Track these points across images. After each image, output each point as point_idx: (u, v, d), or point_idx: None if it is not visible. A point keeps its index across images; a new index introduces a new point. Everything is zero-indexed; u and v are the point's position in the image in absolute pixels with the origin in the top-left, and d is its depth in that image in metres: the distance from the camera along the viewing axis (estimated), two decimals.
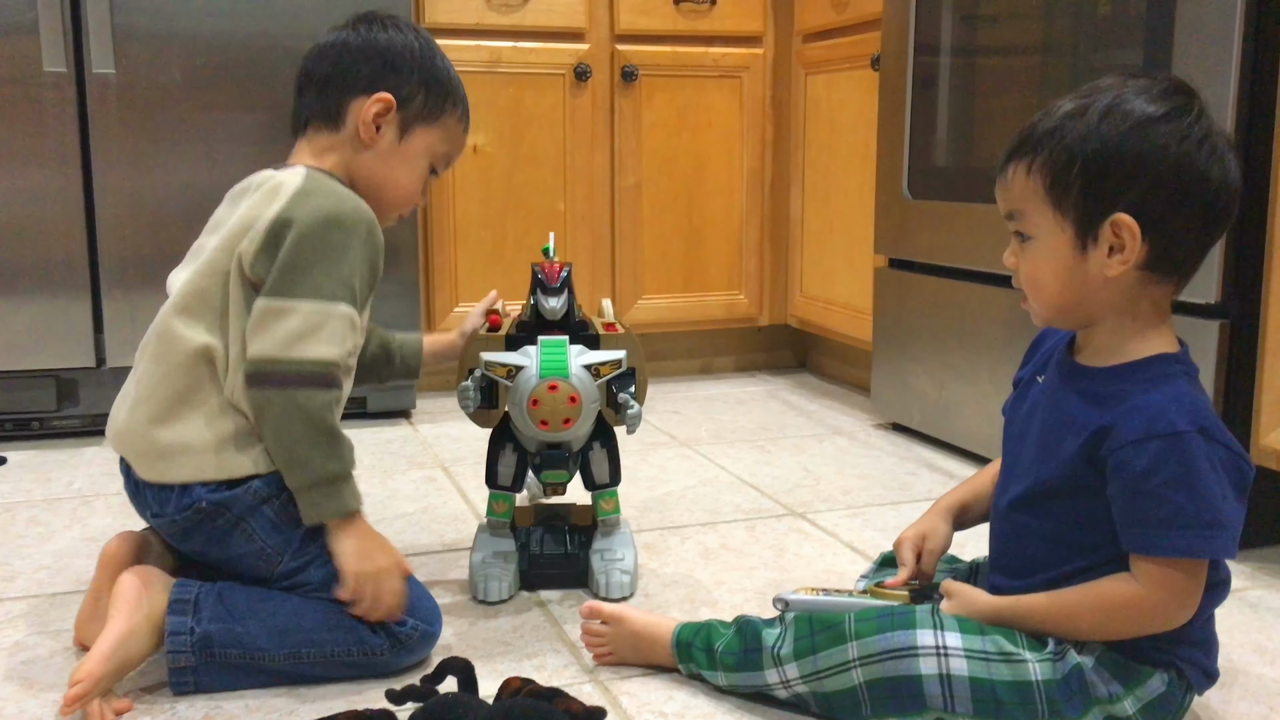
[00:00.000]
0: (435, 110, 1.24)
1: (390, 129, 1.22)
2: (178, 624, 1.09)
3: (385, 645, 1.13)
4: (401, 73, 1.22)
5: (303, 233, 1.12)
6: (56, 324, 2.06)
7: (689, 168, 2.58)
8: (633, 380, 1.37)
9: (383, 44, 1.22)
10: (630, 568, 1.38)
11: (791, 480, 1.87)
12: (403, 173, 1.24)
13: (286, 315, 1.11)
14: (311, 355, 1.11)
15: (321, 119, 1.23)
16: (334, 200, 1.15)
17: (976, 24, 1.97)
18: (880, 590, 1.10)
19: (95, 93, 2.02)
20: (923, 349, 2.08)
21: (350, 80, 1.21)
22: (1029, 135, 0.99)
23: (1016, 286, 1.04)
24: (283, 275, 1.12)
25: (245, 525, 1.14)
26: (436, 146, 1.26)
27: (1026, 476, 1.03)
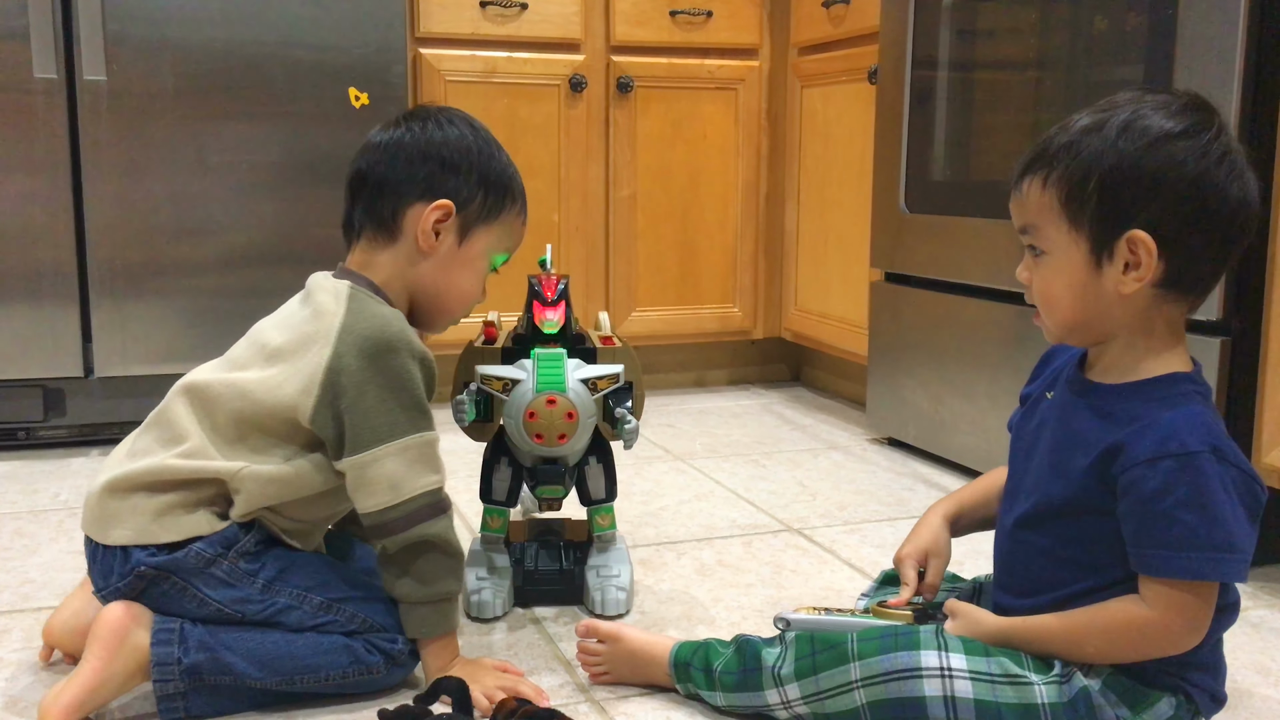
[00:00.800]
0: (495, 210, 1.19)
1: (449, 235, 1.17)
2: (164, 654, 1.05)
3: (381, 663, 1.11)
4: (460, 173, 1.16)
5: (359, 380, 1.08)
6: (44, 333, 2.03)
7: (684, 180, 2.57)
8: (630, 395, 1.35)
9: (438, 143, 1.16)
10: (626, 584, 1.36)
11: (787, 495, 1.85)
12: (463, 277, 1.19)
13: (380, 463, 1.08)
14: (419, 489, 1.09)
15: (376, 227, 1.17)
16: (378, 331, 1.09)
17: (975, 38, 1.96)
18: (883, 610, 1.08)
19: (86, 99, 2.00)
20: (919, 364, 2.07)
21: (406, 186, 1.15)
22: (1045, 149, 0.97)
23: (1029, 302, 1.03)
24: (358, 428, 1.08)
25: (192, 590, 1.08)
26: (496, 245, 1.21)
27: (1034, 494, 1.01)
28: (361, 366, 1.08)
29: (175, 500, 1.09)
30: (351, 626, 1.11)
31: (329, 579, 1.12)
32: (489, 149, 1.19)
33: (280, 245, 2.11)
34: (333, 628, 1.11)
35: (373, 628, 1.11)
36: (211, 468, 1.09)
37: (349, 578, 1.14)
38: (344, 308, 1.11)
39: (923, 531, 1.14)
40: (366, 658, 1.10)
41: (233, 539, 1.10)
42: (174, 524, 1.09)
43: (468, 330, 1.44)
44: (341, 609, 1.11)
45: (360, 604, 1.12)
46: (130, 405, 2.12)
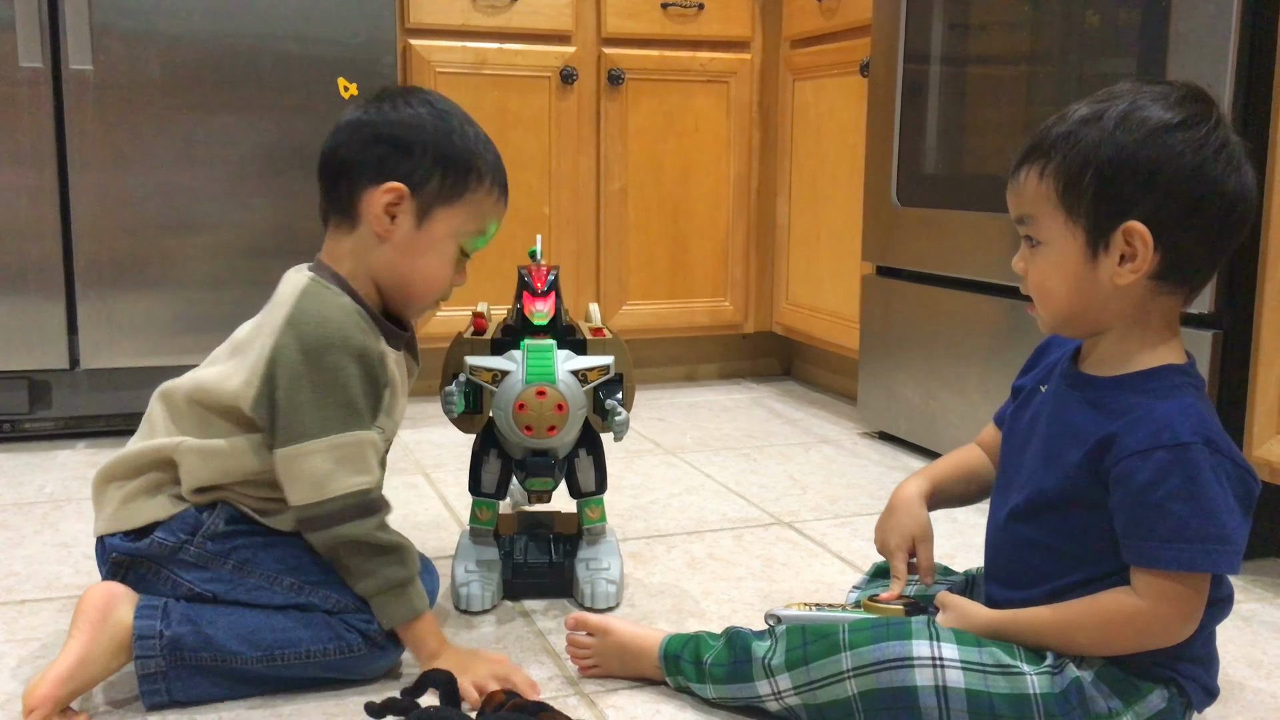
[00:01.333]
0: (456, 189, 1.14)
1: (406, 218, 1.13)
2: (146, 627, 1.06)
3: (360, 642, 1.10)
4: (414, 153, 1.12)
5: (294, 373, 1.08)
6: (29, 325, 2.01)
7: (675, 173, 2.56)
8: (620, 386, 1.34)
9: (393, 122, 1.13)
10: (616, 577, 1.35)
11: (778, 489, 1.85)
12: (427, 262, 1.15)
13: (307, 458, 1.08)
14: (345, 489, 1.08)
15: (339, 213, 1.15)
16: (317, 328, 1.09)
17: (967, 32, 1.96)
18: (874, 605, 1.07)
19: (72, 90, 1.98)
20: (910, 357, 2.06)
21: (359, 169, 1.13)
22: (1042, 139, 0.96)
23: (1024, 293, 1.02)
24: (288, 420, 1.08)
25: (166, 572, 1.11)
26: (463, 227, 1.16)
27: (1027, 486, 1.01)
28: (298, 360, 1.08)
29: (138, 486, 1.12)
30: (326, 607, 1.11)
31: (303, 562, 1.12)
32: (448, 125, 1.14)
33: (268, 238, 2.09)
34: (307, 609, 1.11)
35: (347, 608, 1.11)
36: (155, 444, 1.11)
37: (325, 561, 1.13)
38: (294, 300, 1.11)
39: (903, 518, 1.13)
40: (346, 635, 1.10)
41: (195, 523, 1.11)
42: (136, 510, 1.11)
43: (456, 322, 1.43)
44: (315, 591, 1.11)
45: (335, 586, 1.11)
46: (116, 398, 2.10)
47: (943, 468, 1.18)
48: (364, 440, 1.10)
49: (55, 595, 1.37)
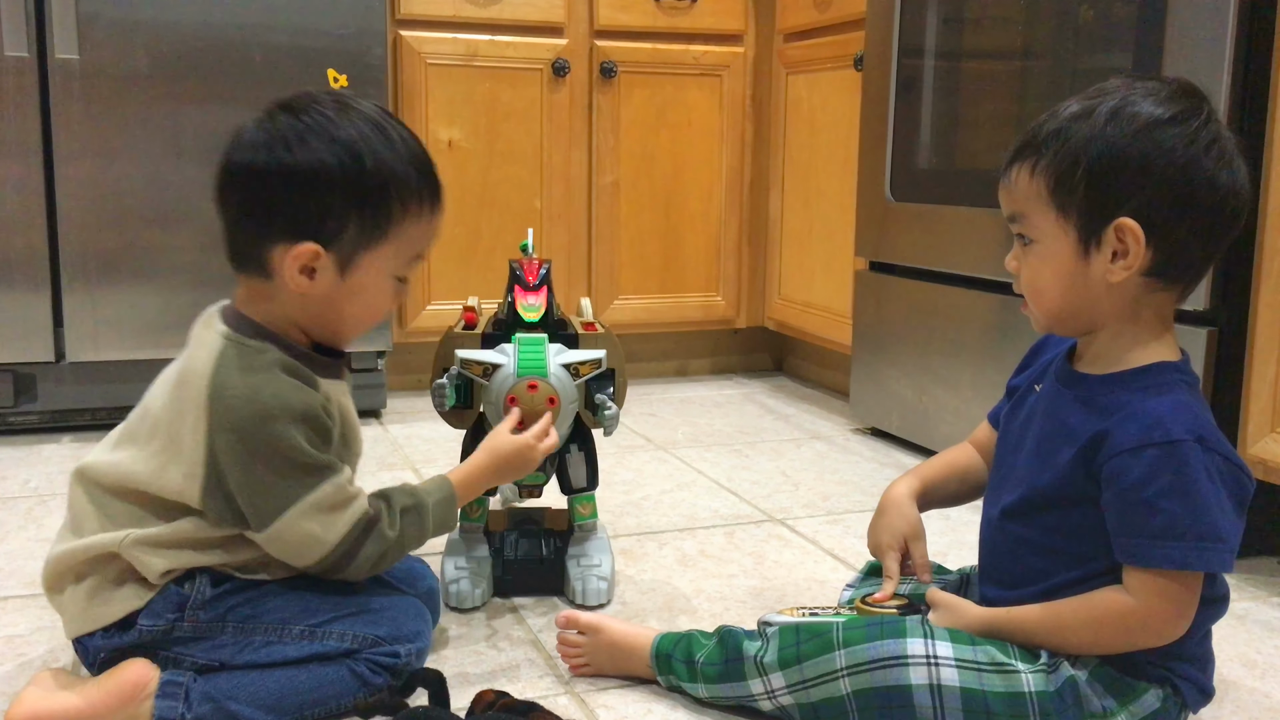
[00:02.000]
0: (379, 228, 1.01)
1: (326, 274, 1.01)
2: (167, 709, 0.98)
3: (388, 681, 1.05)
4: (320, 202, 0.99)
5: (239, 460, 0.99)
6: (15, 317, 1.99)
7: (668, 167, 2.55)
8: (611, 381, 1.33)
9: (290, 170, 0.98)
10: (607, 574, 1.34)
11: (770, 485, 1.84)
12: (357, 306, 1.05)
13: (293, 527, 1.01)
14: (343, 532, 1.03)
15: (247, 266, 1.03)
16: (248, 404, 0.99)
17: (962, 26, 1.95)
18: (867, 608, 1.06)
19: (58, 79, 1.96)
20: (903, 353, 2.05)
21: (263, 224, 1.00)
22: (1033, 137, 0.96)
23: (1017, 291, 1.01)
24: (253, 506, 1.00)
25: (166, 654, 1.03)
26: (395, 260, 1.04)
27: (1020, 485, 1.00)
28: (238, 446, 0.99)
29: (98, 581, 1.03)
30: (344, 645, 1.05)
31: (310, 604, 1.06)
32: (355, 155, 0.99)
33: None
34: (325, 655, 1.04)
35: (368, 642, 1.05)
36: (93, 542, 1.02)
37: (333, 596, 1.07)
38: (211, 370, 1.00)
39: (894, 518, 1.11)
40: (372, 679, 1.04)
41: (179, 599, 1.03)
42: (107, 606, 1.02)
43: (447, 315, 1.41)
44: (329, 631, 1.05)
45: (350, 620, 1.06)
46: (102, 391, 2.08)
47: (933, 467, 1.17)
48: (337, 483, 1.03)
49: (39, 592, 1.34)
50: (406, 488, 1.12)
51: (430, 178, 1.05)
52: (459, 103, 2.35)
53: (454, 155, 2.37)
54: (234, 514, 1.02)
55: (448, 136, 2.35)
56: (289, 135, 0.99)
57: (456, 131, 2.36)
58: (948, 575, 1.16)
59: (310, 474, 1.02)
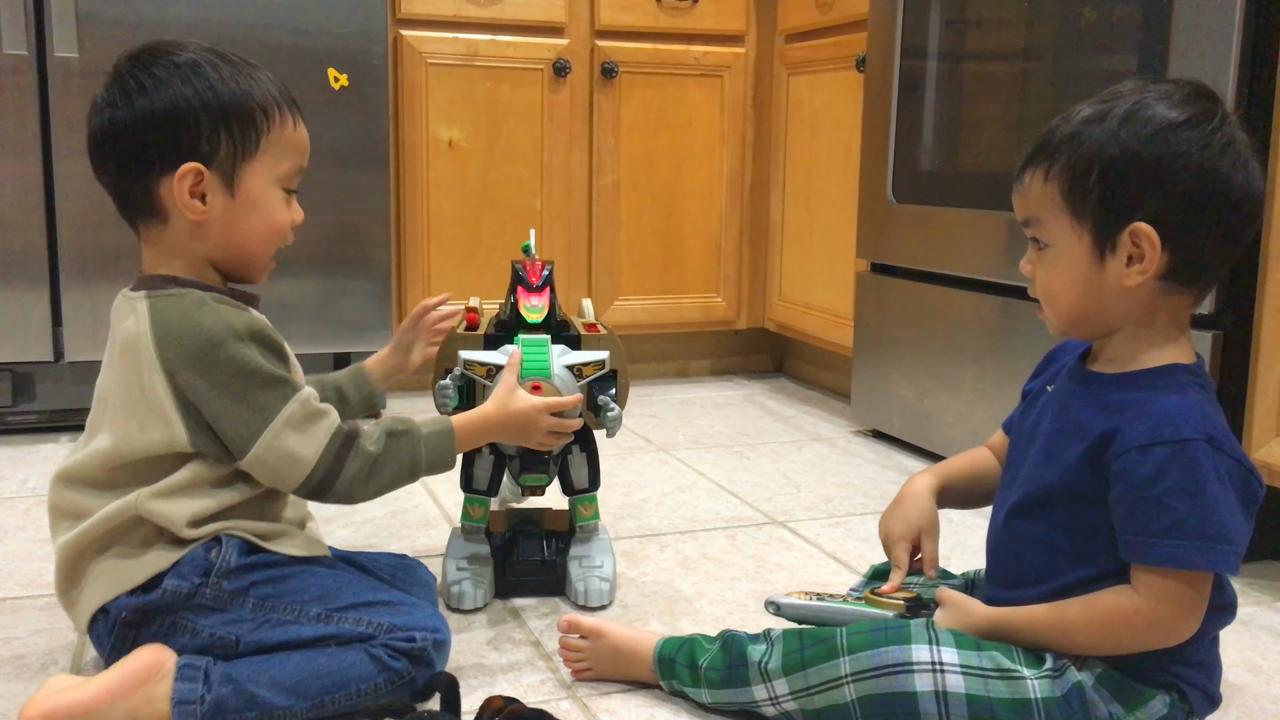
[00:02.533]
0: (251, 139, 1.05)
1: (215, 194, 1.04)
2: (186, 691, 0.97)
3: (407, 667, 1.04)
4: (189, 126, 1.02)
5: (205, 392, 1.02)
6: (13, 316, 1.98)
7: (668, 167, 2.54)
8: (614, 382, 1.33)
9: (154, 107, 1.02)
10: (609, 575, 1.34)
11: (771, 487, 1.83)
12: (256, 221, 1.07)
13: (272, 448, 1.03)
14: (321, 446, 1.05)
15: (144, 215, 1.06)
16: (194, 336, 1.02)
17: (965, 27, 1.94)
18: (876, 598, 1.06)
19: (57, 77, 1.95)
20: (904, 355, 2.05)
21: (143, 166, 1.03)
22: (1047, 140, 0.95)
23: (1031, 295, 1.01)
24: (233, 430, 1.03)
25: (184, 622, 1.03)
26: (276, 170, 1.08)
27: (1028, 482, 1.00)
28: (198, 378, 1.01)
29: (124, 547, 1.05)
30: (359, 630, 1.04)
31: (330, 588, 1.06)
32: (205, 79, 1.03)
33: None
34: (341, 638, 1.04)
35: (384, 629, 1.05)
36: (115, 510, 1.03)
37: (354, 583, 1.08)
38: (146, 322, 1.03)
39: (910, 509, 1.11)
40: (392, 664, 1.04)
41: (206, 564, 1.03)
42: (136, 566, 1.03)
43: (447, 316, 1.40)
44: (345, 616, 1.05)
45: (367, 609, 1.06)
46: None
47: (955, 465, 1.16)
48: (303, 399, 1.05)
49: (37, 593, 1.34)
50: (399, 417, 1.13)
51: (283, 90, 1.09)
52: (459, 102, 2.34)
53: (454, 155, 2.36)
54: (217, 448, 1.04)
55: (448, 136, 2.35)
56: (140, 83, 1.03)
57: (457, 131, 2.35)
58: (952, 579, 1.15)
59: (275, 389, 1.04)
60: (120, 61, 1.06)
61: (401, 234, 2.35)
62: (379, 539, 1.56)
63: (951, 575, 1.17)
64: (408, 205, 2.34)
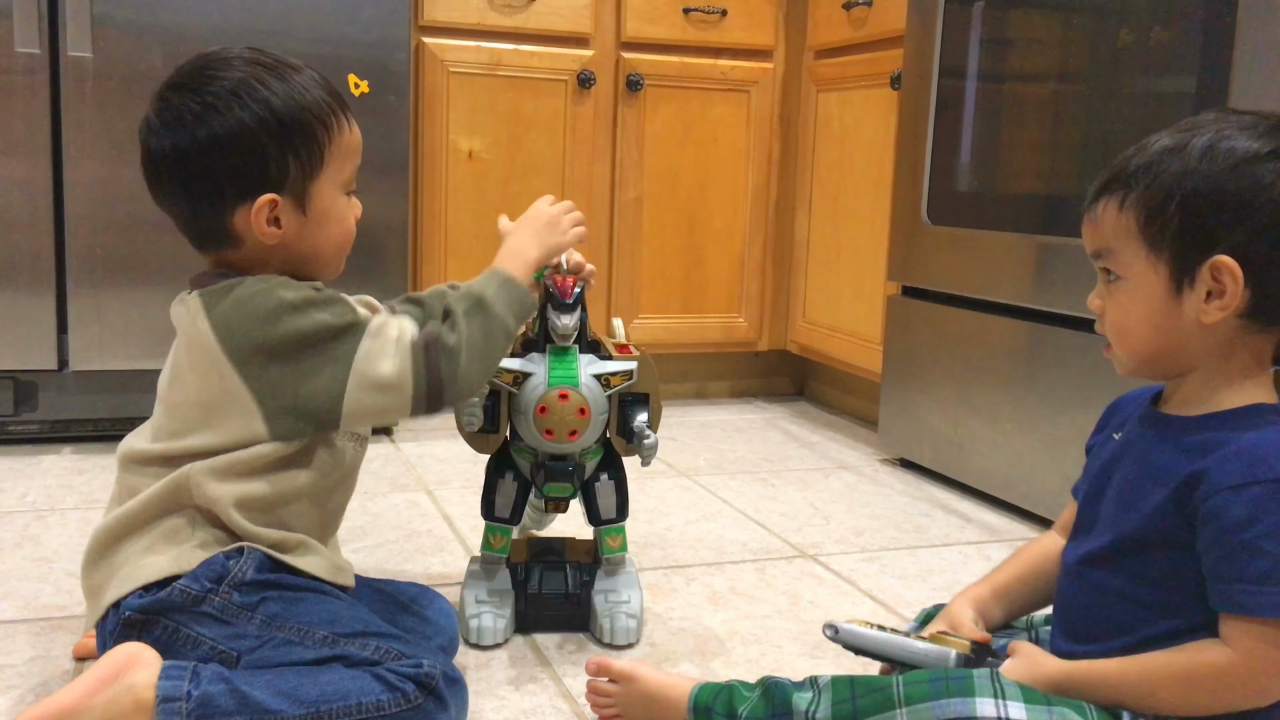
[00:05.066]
0: (315, 156, 1.03)
1: (288, 214, 1.03)
2: (171, 688, 0.92)
3: (415, 691, 0.96)
4: (258, 153, 1.00)
5: (280, 371, 1.00)
6: (17, 322, 1.92)
7: (692, 183, 2.48)
8: (646, 406, 1.26)
9: (217, 137, 0.99)
10: (636, 611, 1.27)
11: (799, 518, 1.76)
12: (325, 233, 1.06)
13: (364, 403, 1.02)
14: (406, 372, 1.01)
15: (214, 244, 1.05)
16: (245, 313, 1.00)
17: (1006, 46, 1.88)
18: (942, 636, 0.99)
19: (70, 77, 1.89)
20: (936, 382, 1.98)
21: (215, 197, 1.02)
22: (1121, 170, 0.91)
23: (1100, 331, 0.95)
24: (319, 402, 1.01)
25: (186, 630, 0.98)
26: (339, 178, 1.06)
27: (1105, 532, 0.93)
28: (266, 360, 1.00)
29: (156, 537, 1.01)
30: (365, 655, 0.97)
31: (341, 615, 1.00)
32: (261, 101, 1.00)
33: None
34: (346, 660, 0.97)
35: (392, 655, 0.98)
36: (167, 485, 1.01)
37: (368, 617, 1.02)
38: (204, 320, 1.01)
39: (977, 596, 1.05)
40: (400, 685, 0.95)
41: (222, 570, 0.99)
42: (155, 562, 0.99)
43: None
44: (353, 641, 0.98)
45: (375, 637, 0.99)
46: (106, 401, 2.01)
47: (1011, 566, 1.08)
48: (374, 329, 1.02)
49: (33, 616, 1.27)
50: (455, 292, 1.10)
51: (331, 90, 1.07)
52: (481, 112, 2.29)
53: (474, 165, 2.30)
54: (305, 425, 1.02)
55: (468, 146, 2.29)
56: (194, 108, 1.00)
57: (477, 141, 2.29)
58: (1015, 627, 1.07)
59: (344, 337, 1.01)
60: (166, 85, 1.03)
61: (419, 244, 2.29)
62: (392, 564, 1.49)
63: (1014, 628, 1.09)
64: (425, 215, 2.28)
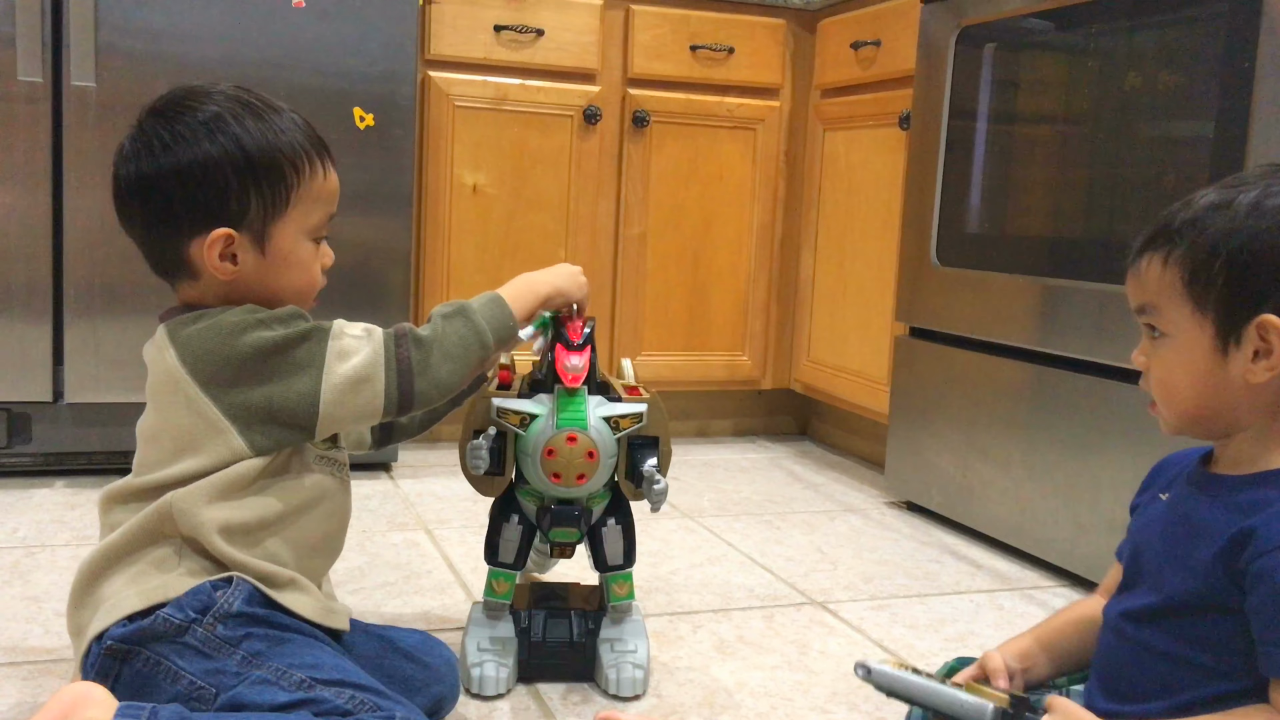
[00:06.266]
0: (280, 196, 1.01)
1: (245, 253, 1.01)
2: None
3: None
4: (218, 185, 0.99)
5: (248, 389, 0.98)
6: (12, 353, 1.89)
7: (697, 220, 2.47)
8: (655, 450, 1.23)
9: (180, 165, 0.98)
10: (643, 661, 1.23)
11: (806, 563, 1.72)
12: (288, 278, 1.04)
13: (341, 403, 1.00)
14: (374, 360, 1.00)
15: (173, 272, 1.04)
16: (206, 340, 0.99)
17: (1017, 88, 1.87)
18: (978, 687, 0.95)
19: (73, 106, 1.88)
20: (945, 425, 1.95)
21: (171, 226, 1.00)
22: (1166, 225, 0.89)
23: (1143, 389, 0.92)
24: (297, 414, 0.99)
25: (167, 663, 0.95)
26: (306, 223, 1.04)
27: (1150, 591, 0.89)
28: (233, 378, 0.98)
29: (142, 568, 0.98)
30: (338, 703, 0.94)
31: (323, 662, 0.96)
32: (231, 135, 0.99)
33: None
34: (318, 706, 0.93)
35: (367, 706, 0.94)
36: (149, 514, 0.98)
37: (350, 667, 0.98)
38: (171, 350, 1.00)
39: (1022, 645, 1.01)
40: None
41: (208, 601, 0.96)
42: (143, 588, 0.96)
43: None
44: (329, 687, 0.95)
45: (354, 688, 0.95)
46: (101, 434, 1.98)
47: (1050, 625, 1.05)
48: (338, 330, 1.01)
49: (21, 660, 1.24)
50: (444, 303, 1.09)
51: (311, 134, 1.05)
52: (486, 147, 2.27)
53: (478, 200, 2.28)
54: (284, 433, 1.00)
55: (473, 181, 2.27)
56: (164, 136, 0.99)
57: (482, 176, 2.28)
58: (1042, 687, 1.04)
59: (309, 340, 1.00)
60: (145, 112, 1.02)
61: (421, 281, 2.26)
62: (391, 606, 1.46)
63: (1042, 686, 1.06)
64: (428, 249, 2.26)
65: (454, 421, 1.26)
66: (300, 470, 1.03)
